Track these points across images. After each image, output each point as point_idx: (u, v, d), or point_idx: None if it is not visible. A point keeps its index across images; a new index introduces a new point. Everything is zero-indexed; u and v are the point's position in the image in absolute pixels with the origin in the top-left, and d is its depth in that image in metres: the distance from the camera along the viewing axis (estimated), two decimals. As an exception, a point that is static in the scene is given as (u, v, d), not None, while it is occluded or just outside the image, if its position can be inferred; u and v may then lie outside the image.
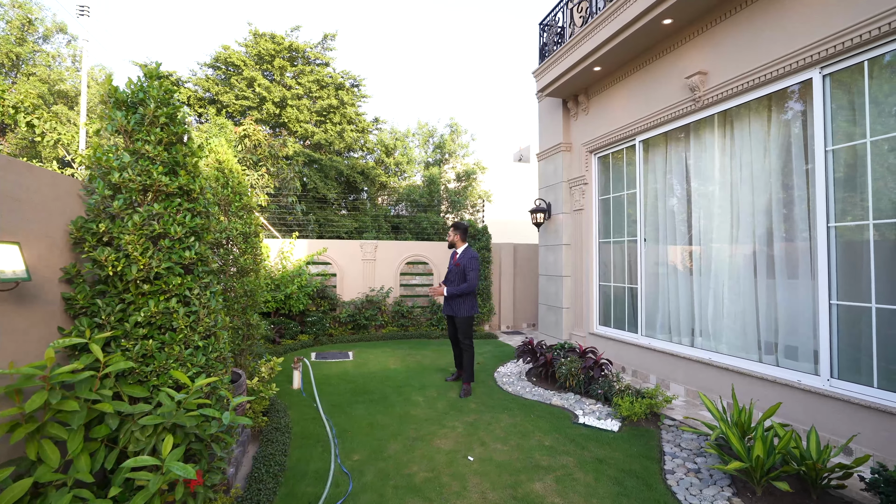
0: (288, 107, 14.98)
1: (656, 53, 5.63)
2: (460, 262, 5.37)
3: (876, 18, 3.44)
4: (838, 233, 3.83)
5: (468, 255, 5.37)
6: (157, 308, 2.33)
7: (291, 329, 7.74)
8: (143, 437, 2.08)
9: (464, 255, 5.39)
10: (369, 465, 3.49)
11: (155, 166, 2.38)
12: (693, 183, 5.38)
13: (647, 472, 3.38)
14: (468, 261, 5.35)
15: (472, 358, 5.36)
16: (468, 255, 5.37)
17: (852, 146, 3.74)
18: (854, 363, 3.71)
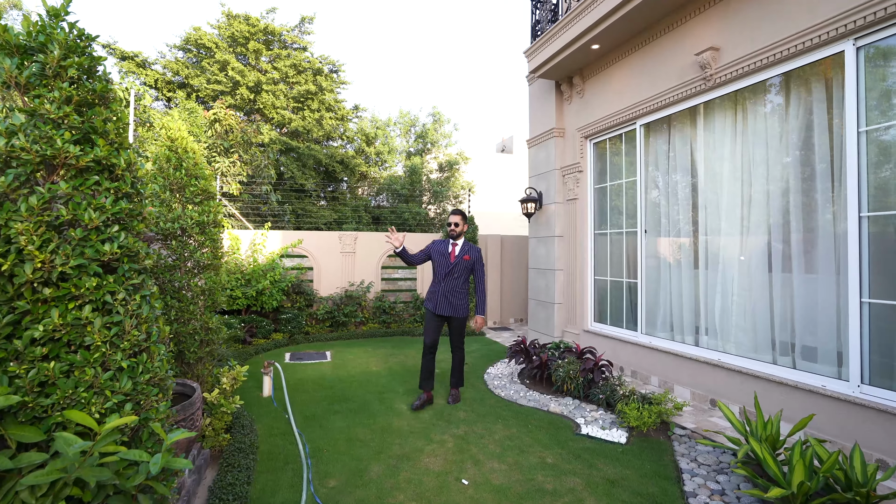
0: (263, 92, 14.16)
1: (662, 28, 5.18)
2: (470, 256, 4.60)
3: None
4: (871, 223, 3.45)
5: (474, 248, 4.68)
6: (64, 319, 1.77)
7: (264, 327, 7.14)
8: (33, 499, 1.53)
9: (469, 249, 4.64)
10: (347, 494, 2.99)
11: (59, 132, 1.81)
12: (700, 169, 4.97)
13: (667, 497, 2.96)
14: (477, 255, 4.66)
15: (463, 361, 4.83)
16: (474, 248, 4.68)
17: (891, 126, 3.35)
18: (888, 367, 3.35)
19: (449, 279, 4.55)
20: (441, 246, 4.66)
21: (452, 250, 4.62)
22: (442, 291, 4.55)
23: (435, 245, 4.67)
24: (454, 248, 4.63)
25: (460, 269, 4.59)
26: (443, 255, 4.61)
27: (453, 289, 4.56)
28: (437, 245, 4.67)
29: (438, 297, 4.56)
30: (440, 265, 4.60)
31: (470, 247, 4.66)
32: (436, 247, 4.65)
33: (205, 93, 13.96)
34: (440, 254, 4.61)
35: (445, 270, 4.57)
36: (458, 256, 4.58)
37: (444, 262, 4.58)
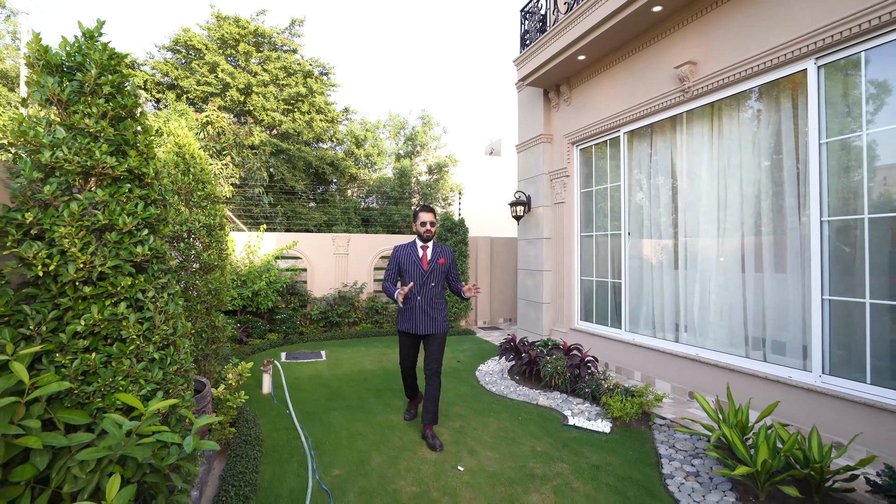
0: (253, 94, 14.24)
1: (644, 42, 5.48)
2: (445, 259, 3.95)
3: (874, 8, 3.34)
4: (832, 227, 3.75)
5: (446, 249, 4.03)
6: (102, 315, 1.95)
7: (259, 328, 7.28)
8: (83, 474, 1.71)
9: (442, 251, 3.98)
10: (351, 482, 3.18)
11: (98, 144, 1.99)
12: (679, 175, 5.26)
13: (647, 479, 3.21)
14: (452, 255, 4.05)
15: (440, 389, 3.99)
16: (446, 249, 4.03)
17: (847, 139, 3.66)
18: (846, 359, 3.65)
19: (425, 290, 3.86)
20: (408, 252, 3.90)
21: (424, 255, 3.90)
22: (420, 306, 3.82)
23: (400, 253, 3.90)
24: (425, 251, 3.92)
25: (437, 275, 3.92)
26: (414, 264, 3.86)
27: (431, 300, 3.87)
28: (402, 253, 3.90)
29: (417, 315, 3.84)
30: (413, 275, 3.86)
31: (442, 248, 4.01)
32: (402, 255, 3.89)
33: (195, 94, 13.99)
34: (411, 262, 3.87)
35: (421, 280, 3.86)
36: (433, 261, 3.90)
37: (417, 270, 3.85)
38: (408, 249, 3.93)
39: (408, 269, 3.88)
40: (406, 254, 3.90)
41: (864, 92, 3.55)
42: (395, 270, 3.95)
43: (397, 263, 3.92)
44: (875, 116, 3.49)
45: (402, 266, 3.90)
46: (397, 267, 3.94)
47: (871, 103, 3.52)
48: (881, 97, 3.48)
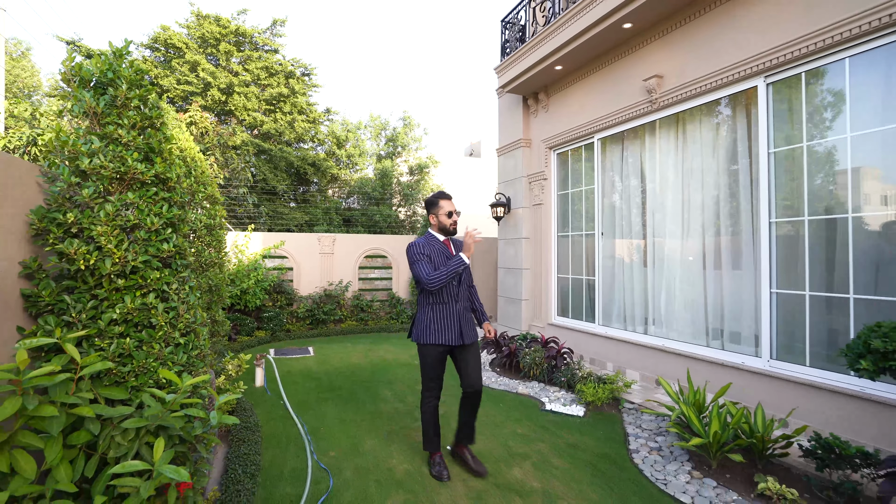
0: (235, 94, 14.26)
1: (616, 55, 5.88)
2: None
3: (810, 35, 3.78)
4: (778, 228, 4.20)
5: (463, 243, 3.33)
6: (134, 304, 2.19)
7: (247, 325, 7.45)
8: (125, 441, 1.96)
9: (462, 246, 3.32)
10: (347, 462, 3.46)
11: (129, 153, 2.22)
12: (648, 180, 5.69)
13: (616, 454, 3.58)
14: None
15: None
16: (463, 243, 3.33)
17: (791, 149, 4.10)
18: (789, 345, 4.10)
19: (461, 291, 3.28)
20: (435, 247, 3.22)
21: (449, 250, 3.29)
22: (456, 311, 3.20)
23: (427, 248, 3.20)
24: (449, 247, 3.31)
25: (468, 274, 3.39)
26: (446, 259, 3.20)
27: (465, 305, 3.32)
28: (429, 248, 3.21)
29: (453, 320, 3.18)
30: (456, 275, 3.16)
31: (458, 241, 3.41)
32: (430, 250, 3.20)
33: (175, 93, 13.95)
34: (443, 259, 3.19)
35: (458, 281, 3.25)
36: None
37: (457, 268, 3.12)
38: (432, 244, 3.23)
39: (440, 265, 3.16)
40: (433, 249, 3.20)
41: (804, 108, 4.00)
42: (429, 263, 3.17)
43: (427, 257, 3.18)
44: (814, 130, 3.94)
45: (432, 261, 3.18)
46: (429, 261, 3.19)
47: (811, 118, 3.97)
48: (819, 113, 3.93)
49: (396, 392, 5.13)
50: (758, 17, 4.27)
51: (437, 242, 3.27)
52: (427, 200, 3.35)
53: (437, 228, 3.31)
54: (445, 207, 3.28)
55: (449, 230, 3.28)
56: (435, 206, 3.31)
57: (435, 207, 3.30)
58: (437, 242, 3.27)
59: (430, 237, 3.31)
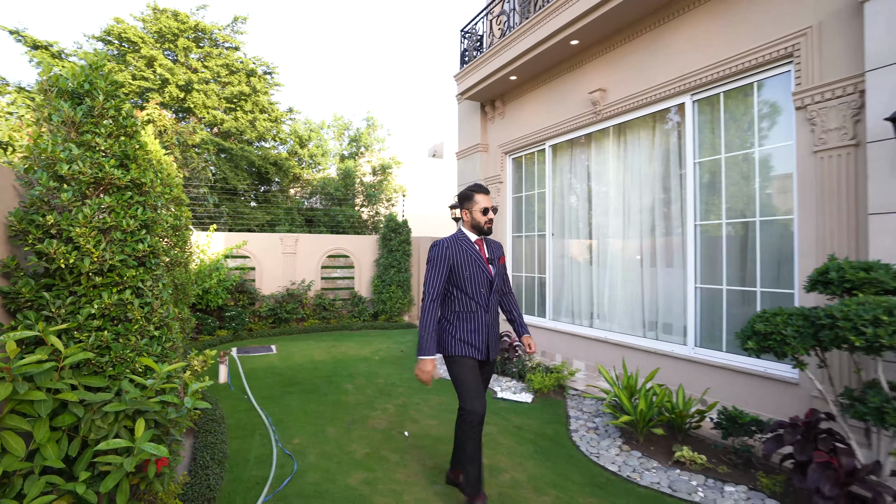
0: (194, 91, 14.02)
1: (565, 69, 6.33)
2: (503, 256, 3.01)
3: (726, 61, 4.30)
4: (702, 229, 4.72)
5: (499, 244, 3.03)
6: (111, 300, 2.37)
7: (209, 325, 7.48)
8: (106, 424, 2.16)
9: (497, 247, 2.98)
10: (311, 448, 3.69)
11: (106, 159, 2.40)
12: (593, 184, 6.16)
13: (557, 434, 3.98)
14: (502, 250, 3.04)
15: None
16: (499, 244, 3.03)
17: (713, 160, 4.63)
18: (710, 334, 4.62)
19: (492, 301, 2.85)
20: (461, 249, 2.78)
21: (482, 251, 2.84)
22: (486, 324, 2.79)
23: (451, 251, 2.76)
24: (481, 247, 2.86)
25: (501, 280, 2.96)
26: (475, 264, 2.77)
27: (495, 316, 2.90)
28: (454, 251, 2.77)
29: (481, 332, 2.78)
30: (475, 281, 2.77)
31: (493, 242, 2.99)
32: (455, 253, 2.76)
33: (130, 89, 13.58)
34: (469, 263, 2.76)
35: (487, 287, 2.80)
36: (494, 260, 2.88)
37: (480, 274, 2.77)
38: (459, 246, 2.78)
39: (466, 273, 2.74)
40: (460, 252, 2.75)
41: (722, 124, 4.53)
42: (444, 277, 2.74)
43: (448, 267, 2.73)
44: (730, 143, 4.47)
45: (456, 268, 2.74)
46: (447, 272, 2.75)
47: (727, 133, 4.50)
48: (733, 129, 4.46)
49: (357, 385, 5.38)
50: (684, 42, 4.78)
51: (466, 243, 2.80)
52: (460, 195, 2.90)
53: (470, 226, 2.85)
54: (481, 203, 2.81)
55: (483, 229, 2.80)
56: (469, 201, 2.84)
57: (469, 202, 2.84)
58: (467, 243, 2.80)
59: (460, 236, 2.83)
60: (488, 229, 2.83)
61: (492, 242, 2.96)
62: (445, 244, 2.78)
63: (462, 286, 2.77)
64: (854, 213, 3.41)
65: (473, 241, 2.84)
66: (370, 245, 10.08)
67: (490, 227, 2.84)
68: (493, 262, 2.85)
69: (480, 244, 2.86)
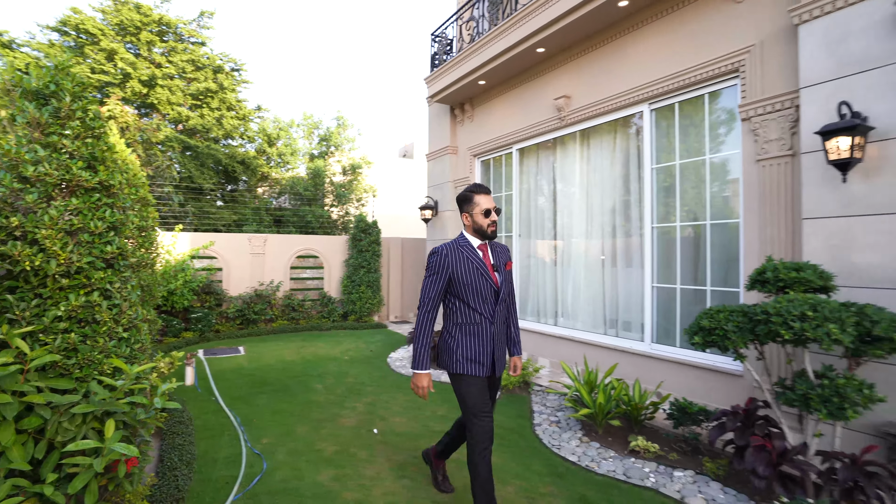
0: (158, 86, 13.63)
1: (532, 75, 6.53)
2: (510, 262, 2.79)
3: (680, 73, 4.57)
4: (659, 231, 4.98)
5: (505, 248, 2.80)
6: (78, 302, 2.38)
7: (175, 326, 7.35)
8: (73, 426, 2.17)
9: (504, 251, 2.76)
10: (280, 447, 3.74)
11: (74, 161, 2.41)
12: (558, 187, 6.38)
13: (521, 428, 4.14)
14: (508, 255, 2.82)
15: None
16: (505, 248, 2.80)
17: (669, 165, 4.90)
18: (665, 330, 4.89)
19: (498, 311, 2.62)
20: (463, 256, 2.55)
21: (486, 258, 2.61)
22: (491, 337, 2.57)
23: (451, 258, 2.53)
24: (485, 253, 2.63)
25: (508, 287, 2.72)
26: (477, 272, 2.54)
27: (501, 328, 2.68)
28: (454, 257, 2.54)
29: (487, 346, 2.56)
30: (478, 290, 2.54)
31: (499, 246, 2.77)
32: (455, 260, 2.53)
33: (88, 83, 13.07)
34: (471, 271, 2.53)
35: (493, 297, 2.58)
36: (500, 266, 2.65)
37: (483, 283, 2.54)
38: (460, 251, 2.55)
39: (468, 282, 2.52)
40: (461, 258, 2.53)
41: (677, 132, 4.80)
42: (442, 288, 2.54)
43: (447, 276, 2.53)
44: (683, 151, 4.74)
45: (456, 277, 2.52)
46: (446, 281, 2.54)
47: (681, 141, 4.77)
48: (688, 136, 4.74)
49: (327, 384, 5.42)
50: (642, 53, 5.03)
51: (468, 249, 2.57)
52: (459, 197, 2.67)
53: (472, 230, 2.61)
54: (482, 204, 2.57)
55: (486, 233, 2.56)
56: (468, 203, 2.60)
57: (468, 204, 2.60)
58: (469, 249, 2.57)
59: (462, 242, 2.59)
60: (492, 233, 2.58)
61: (497, 246, 2.71)
62: (444, 251, 2.55)
63: (464, 297, 2.53)
64: (791, 218, 3.70)
65: (476, 246, 2.59)
66: (340, 245, 10.07)
67: (494, 231, 2.59)
68: (498, 270, 2.60)
69: (484, 249, 2.62)
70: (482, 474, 2.49)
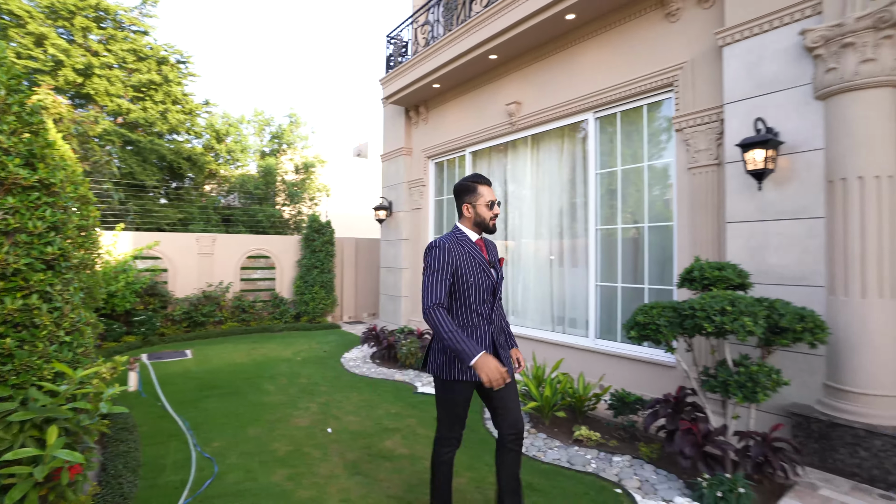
0: (95, 76, 12.84)
1: (485, 80, 6.72)
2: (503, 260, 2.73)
3: (621, 85, 4.88)
4: (602, 233, 5.28)
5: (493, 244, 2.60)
6: (14, 305, 2.29)
7: (115, 331, 7.00)
8: (9, 435, 2.10)
9: (494, 246, 2.59)
10: (231, 449, 3.70)
11: (10, 158, 2.32)
12: (510, 189, 6.61)
13: (473, 423, 4.29)
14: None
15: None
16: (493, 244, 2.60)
17: (611, 171, 5.20)
18: (608, 326, 5.20)
19: (497, 308, 2.49)
20: (465, 249, 2.36)
21: (484, 253, 2.45)
22: (490, 336, 2.40)
23: (455, 251, 2.32)
24: (482, 247, 2.46)
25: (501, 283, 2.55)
26: (478, 267, 2.36)
27: (499, 326, 2.52)
28: (457, 251, 2.33)
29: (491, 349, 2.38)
30: (478, 287, 2.36)
31: (489, 242, 2.58)
32: (458, 253, 2.33)
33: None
34: (473, 265, 2.35)
35: (493, 296, 2.43)
36: (495, 262, 2.50)
37: (483, 278, 2.37)
38: (461, 246, 2.36)
39: (471, 279, 2.33)
40: (463, 253, 2.34)
41: (619, 140, 5.11)
42: (448, 282, 2.30)
43: (452, 269, 2.31)
44: (624, 158, 5.06)
45: (460, 274, 2.32)
46: (451, 275, 2.31)
47: (623, 149, 5.08)
48: (629, 144, 5.05)
49: (279, 385, 5.37)
50: (588, 64, 5.31)
51: (468, 243, 2.38)
52: (459, 186, 2.47)
53: (472, 224, 2.42)
54: (486, 195, 2.41)
55: (489, 226, 2.43)
56: (471, 194, 2.42)
57: (471, 195, 2.42)
58: (468, 243, 2.38)
59: (460, 236, 2.39)
60: (494, 227, 2.45)
61: (489, 242, 2.55)
62: (447, 245, 2.32)
63: (465, 296, 2.33)
64: (717, 222, 4.05)
65: (474, 241, 2.41)
66: (292, 245, 9.91)
67: (495, 226, 2.46)
68: (494, 266, 2.46)
69: (481, 245, 2.45)
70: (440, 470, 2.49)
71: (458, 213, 2.46)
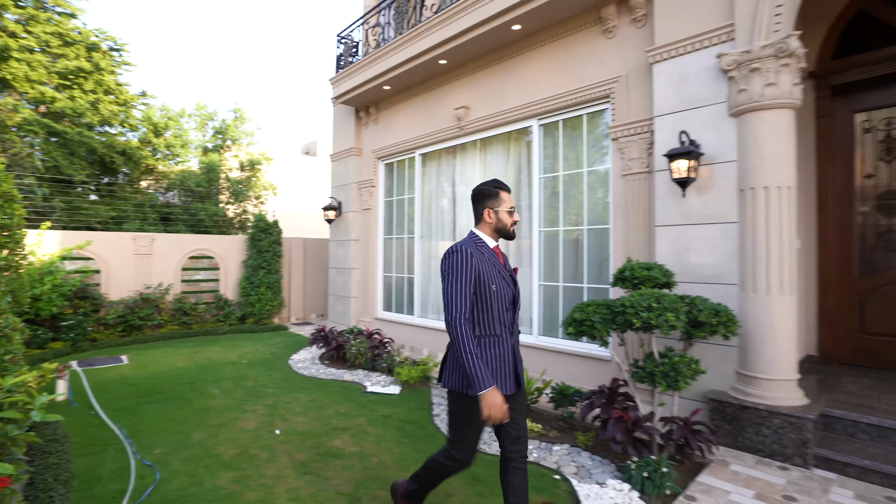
0: (12, 60, 11.84)
1: (435, 84, 6.84)
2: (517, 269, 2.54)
3: (563, 94, 5.15)
4: (545, 235, 5.55)
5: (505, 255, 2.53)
6: (-66, 310, 2.17)
7: (40, 337, 6.53)
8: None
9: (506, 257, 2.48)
10: (174, 455, 3.61)
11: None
12: (459, 190, 6.77)
13: (421, 419, 4.41)
14: None
15: None
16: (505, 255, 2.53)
17: (553, 176, 5.47)
18: (550, 323, 5.47)
19: (516, 319, 2.39)
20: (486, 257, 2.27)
21: (502, 261, 2.38)
22: (512, 349, 2.32)
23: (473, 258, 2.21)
24: (499, 255, 2.38)
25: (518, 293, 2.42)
26: (499, 276, 2.28)
27: (518, 336, 2.42)
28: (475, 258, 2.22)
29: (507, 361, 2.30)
30: (502, 297, 2.27)
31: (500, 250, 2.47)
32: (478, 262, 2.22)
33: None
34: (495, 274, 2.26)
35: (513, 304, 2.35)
36: (511, 270, 2.42)
37: (506, 288, 2.30)
38: (481, 251, 2.28)
39: (493, 287, 2.23)
40: (484, 261, 2.25)
41: (561, 146, 5.38)
42: (472, 290, 2.20)
43: (475, 276, 2.20)
44: (567, 162, 5.34)
45: (483, 281, 2.21)
46: (474, 283, 2.20)
47: (564, 155, 5.36)
48: (570, 150, 5.34)
49: (224, 389, 5.25)
50: (532, 73, 5.56)
51: (488, 250, 2.30)
52: (480, 191, 2.39)
53: (492, 230, 2.35)
54: (508, 202, 2.35)
55: (510, 233, 2.38)
56: (493, 199, 2.34)
57: (493, 200, 2.34)
58: (488, 250, 2.30)
59: (479, 242, 2.32)
60: (514, 233, 2.40)
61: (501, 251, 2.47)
62: (469, 251, 2.21)
63: (488, 305, 2.22)
64: (648, 225, 4.38)
65: (491, 248, 2.34)
66: (237, 245, 9.62)
67: (514, 232, 2.41)
68: (512, 275, 2.39)
69: (498, 252, 2.38)
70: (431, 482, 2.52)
71: (475, 219, 2.40)
